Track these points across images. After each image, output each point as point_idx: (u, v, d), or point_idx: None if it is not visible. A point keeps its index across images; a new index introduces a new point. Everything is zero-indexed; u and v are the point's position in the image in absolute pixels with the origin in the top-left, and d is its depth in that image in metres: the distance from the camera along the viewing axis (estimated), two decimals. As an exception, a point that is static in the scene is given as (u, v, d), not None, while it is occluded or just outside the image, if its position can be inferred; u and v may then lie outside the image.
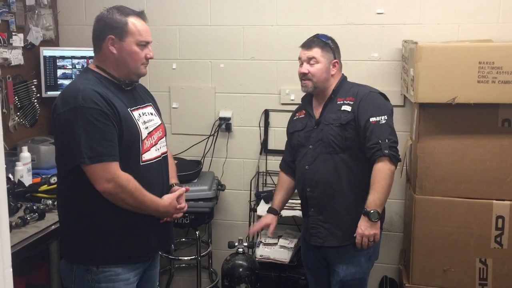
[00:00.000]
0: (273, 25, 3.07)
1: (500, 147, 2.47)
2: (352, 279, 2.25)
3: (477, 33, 2.80)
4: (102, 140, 1.72)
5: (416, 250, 2.61)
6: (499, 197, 2.49)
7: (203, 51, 3.17)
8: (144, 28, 1.86)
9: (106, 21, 1.83)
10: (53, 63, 3.04)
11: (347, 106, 2.22)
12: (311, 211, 2.32)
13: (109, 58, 1.84)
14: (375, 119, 2.16)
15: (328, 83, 2.29)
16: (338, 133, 2.21)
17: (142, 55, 1.86)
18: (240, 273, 2.68)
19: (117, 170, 1.74)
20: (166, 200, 1.92)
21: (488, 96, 2.34)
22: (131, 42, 1.83)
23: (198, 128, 3.24)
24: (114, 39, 1.81)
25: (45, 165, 2.77)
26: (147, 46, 1.88)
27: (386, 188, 2.15)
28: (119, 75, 1.87)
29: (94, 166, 1.71)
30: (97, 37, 1.86)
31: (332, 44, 2.29)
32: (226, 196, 3.26)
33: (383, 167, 2.14)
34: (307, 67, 2.26)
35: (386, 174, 2.14)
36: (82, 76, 1.87)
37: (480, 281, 2.54)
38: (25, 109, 2.96)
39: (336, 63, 2.29)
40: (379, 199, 2.14)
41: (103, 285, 1.82)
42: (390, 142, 2.15)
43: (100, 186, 1.73)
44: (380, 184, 2.14)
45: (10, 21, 2.83)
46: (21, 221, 2.12)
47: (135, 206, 1.81)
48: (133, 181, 1.78)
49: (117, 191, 1.74)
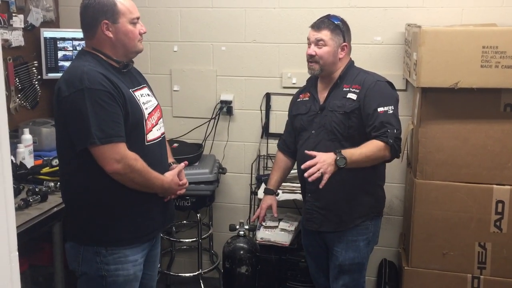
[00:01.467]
0: (275, 7, 3.04)
1: (501, 132, 2.47)
2: (350, 263, 2.26)
3: (481, 17, 2.78)
4: (110, 122, 1.72)
5: (415, 234, 2.63)
6: (500, 182, 2.50)
7: (204, 33, 3.15)
8: (131, 4, 1.86)
9: (95, 7, 1.81)
10: (53, 45, 3.02)
11: (352, 94, 2.17)
12: (308, 196, 2.32)
13: (106, 42, 1.84)
14: (383, 109, 2.11)
15: (335, 67, 2.24)
16: (341, 120, 2.17)
17: (136, 32, 1.87)
18: (241, 255, 2.71)
19: (125, 151, 1.75)
20: (168, 177, 1.94)
21: (491, 81, 2.33)
22: (124, 22, 1.83)
23: (199, 111, 3.23)
24: (108, 23, 1.81)
25: (46, 147, 2.77)
26: (138, 21, 1.88)
27: (368, 158, 2.07)
28: (117, 56, 1.87)
29: (103, 147, 1.71)
30: (89, 24, 1.84)
31: (342, 26, 2.22)
32: (227, 179, 3.27)
33: (380, 147, 2.07)
34: (315, 49, 2.20)
35: (379, 152, 2.07)
36: (81, 58, 1.85)
37: (479, 264, 2.57)
38: (26, 91, 2.95)
39: (345, 46, 2.23)
40: (356, 159, 2.04)
41: (112, 267, 1.84)
42: (397, 133, 2.10)
43: (110, 167, 1.73)
44: (367, 152, 2.06)
45: (10, 2, 2.81)
46: (24, 203, 2.13)
47: (143, 185, 1.83)
48: (140, 160, 1.80)
49: (126, 171, 1.75)
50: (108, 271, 1.83)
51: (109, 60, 1.86)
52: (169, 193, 1.96)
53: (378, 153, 2.08)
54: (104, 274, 1.83)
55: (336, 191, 2.21)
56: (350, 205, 2.22)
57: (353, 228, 2.23)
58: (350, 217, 2.23)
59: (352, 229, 2.23)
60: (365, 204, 2.25)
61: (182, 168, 2.06)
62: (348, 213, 2.23)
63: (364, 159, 2.07)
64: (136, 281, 1.93)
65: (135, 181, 1.80)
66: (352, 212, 2.22)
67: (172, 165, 2.08)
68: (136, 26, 1.87)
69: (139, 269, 1.92)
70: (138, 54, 1.94)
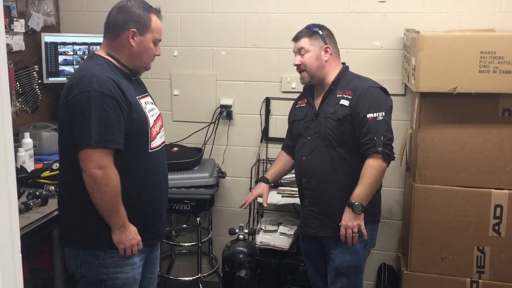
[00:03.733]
0: (275, 12, 3.06)
1: (499, 137, 2.48)
2: (347, 266, 2.27)
3: (479, 22, 2.80)
4: (110, 127, 1.74)
5: (414, 238, 2.64)
6: (498, 186, 2.51)
7: (204, 38, 3.17)
8: (160, 26, 1.93)
9: (130, 13, 1.86)
10: (54, 49, 3.04)
11: (345, 101, 2.20)
12: (305, 201, 2.34)
13: (126, 49, 1.87)
14: (372, 115, 2.14)
15: (323, 71, 2.26)
16: (335, 127, 2.20)
17: (154, 51, 1.93)
18: (241, 259, 2.71)
19: (111, 162, 1.76)
20: (133, 228, 1.85)
21: (489, 86, 2.34)
22: (150, 38, 1.89)
23: (199, 116, 3.24)
24: (135, 32, 1.85)
25: (46, 151, 2.78)
26: (158, 44, 1.94)
27: (373, 184, 2.16)
28: (130, 65, 1.90)
29: (94, 150, 1.72)
30: (118, 26, 1.87)
31: (321, 30, 2.26)
32: (227, 183, 3.28)
33: (374, 163, 2.14)
34: (299, 58, 2.26)
35: (376, 171, 2.15)
36: (92, 61, 1.86)
37: (478, 268, 2.58)
38: (26, 95, 2.96)
39: (327, 48, 2.25)
40: (365, 192, 2.14)
41: (111, 270, 1.85)
42: (385, 140, 2.14)
43: (89, 170, 1.72)
44: (368, 179, 2.14)
45: (12, 6, 2.82)
46: (24, 206, 2.13)
47: (108, 205, 1.77)
48: (118, 181, 1.77)
49: (101, 181, 1.73)
50: (107, 274, 1.84)
51: (121, 66, 1.88)
52: (122, 237, 1.82)
53: (376, 172, 2.15)
54: (103, 277, 1.84)
55: (333, 197, 2.24)
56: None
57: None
58: None
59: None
60: None
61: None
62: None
63: (371, 187, 2.16)
64: (135, 284, 1.93)
65: (103, 197, 1.75)
66: None
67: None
68: (156, 47, 1.93)
69: (138, 272, 1.92)
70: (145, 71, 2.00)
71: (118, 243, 1.83)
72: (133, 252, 1.86)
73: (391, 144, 2.18)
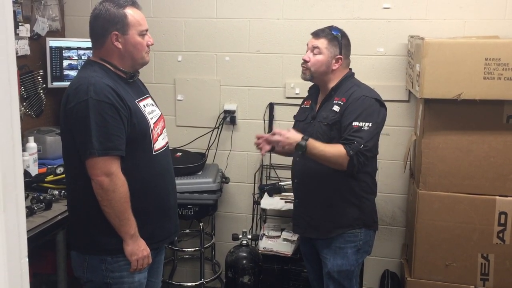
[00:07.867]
0: (279, 18, 3.07)
1: (504, 143, 2.48)
2: (338, 270, 2.25)
3: (483, 29, 2.80)
4: (110, 134, 1.74)
5: (418, 245, 2.63)
6: (502, 193, 2.50)
7: (208, 43, 3.18)
8: (141, 16, 1.88)
9: (105, 18, 1.83)
10: (59, 54, 3.05)
11: (336, 107, 2.18)
12: (295, 201, 2.37)
13: (114, 52, 1.86)
14: (357, 124, 2.08)
15: (326, 77, 2.25)
16: (325, 132, 2.18)
17: (144, 43, 1.89)
18: (244, 265, 2.71)
19: (118, 169, 1.76)
20: (143, 242, 1.85)
21: (494, 93, 2.34)
22: (134, 33, 1.85)
23: (203, 121, 3.25)
24: (117, 34, 1.83)
25: (51, 155, 2.78)
26: (147, 33, 1.90)
27: (325, 160, 2.07)
28: (124, 67, 1.89)
29: (98, 158, 1.72)
30: (99, 35, 1.86)
31: (341, 39, 2.23)
32: (230, 188, 3.28)
33: (340, 156, 2.04)
34: (309, 55, 2.24)
35: (336, 161, 2.06)
36: (88, 68, 1.86)
37: (482, 276, 2.56)
38: (31, 100, 2.97)
39: (340, 59, 2.22)
40: (316, 152, 2.05)
41: (117, 274, 1.84)
42: (362, 148, 2.05)
43: (97, 177, 1.73)
44: (328, 152, 2.06)
45: (17, 11, 2.83)
46: (28, 211, 2.13)
47: (117, 212, 1.77)
48: (126, 188, 1.77)
49: (109, 188, 1.73)
50: (113, 278, 1.84)
51: (116, 71, 1.88)
52: (135, 248, 1.82)
53: (336, 159, 2.07)
54: (109, 281, 1.84)
55: (321, 200, 2.25)
56: (331, 215, 2.23)
57: (341, 236, 2.23)
58: (331, 226, 2.23)
59: (340, 236, 2.23)
60: (348, 215, 2.23)
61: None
62: (330, 222, 2.24)
63: (321, 157, 2.08)
64: None
65: (111, 204, 1.75)
66: (333, 221, 2.23)
67: None
68: (145, 38, 1.89)
69: (144, 277, 1.92)
70: (144, 66, 1.96)
71: (131, 255, 1.82)
72: (144, 264, 1.86)
73: (366, 155, 2.08)
